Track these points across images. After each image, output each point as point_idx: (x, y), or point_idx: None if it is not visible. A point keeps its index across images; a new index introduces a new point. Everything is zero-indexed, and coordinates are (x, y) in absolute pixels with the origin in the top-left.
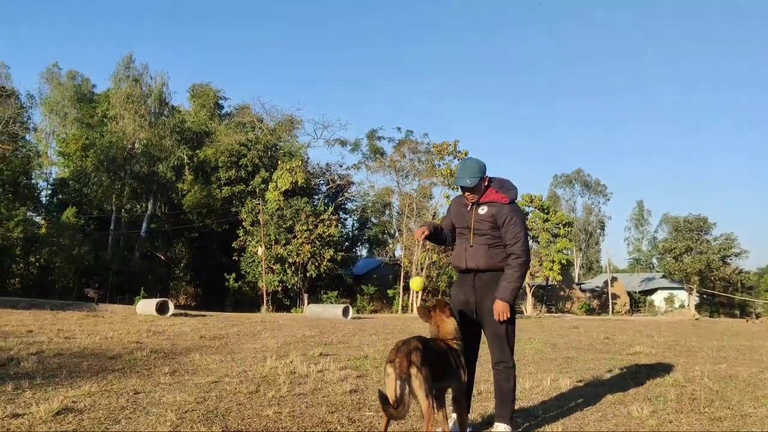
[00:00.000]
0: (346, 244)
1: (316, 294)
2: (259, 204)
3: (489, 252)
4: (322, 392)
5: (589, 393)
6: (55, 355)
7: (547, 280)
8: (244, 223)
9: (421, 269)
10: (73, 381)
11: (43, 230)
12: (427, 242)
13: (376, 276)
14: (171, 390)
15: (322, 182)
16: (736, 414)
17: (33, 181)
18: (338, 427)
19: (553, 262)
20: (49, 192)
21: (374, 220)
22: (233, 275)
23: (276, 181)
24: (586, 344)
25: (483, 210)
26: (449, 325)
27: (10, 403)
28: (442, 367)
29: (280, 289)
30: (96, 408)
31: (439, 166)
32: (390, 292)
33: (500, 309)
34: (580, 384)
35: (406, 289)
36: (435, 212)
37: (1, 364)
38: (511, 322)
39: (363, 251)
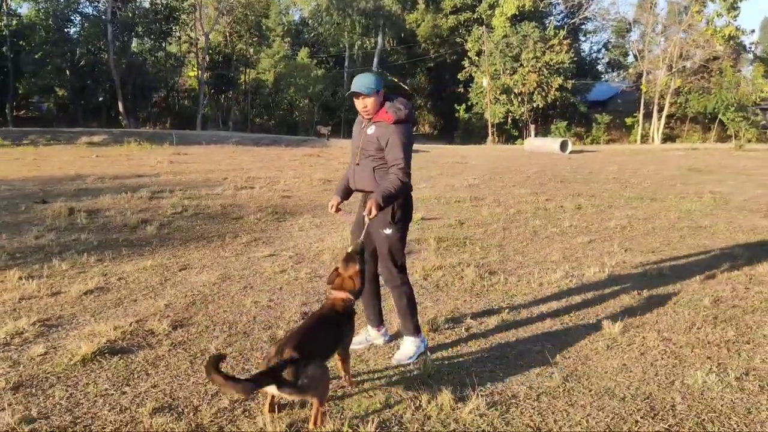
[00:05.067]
0: (585, 67)
1: (546, 124)
2: (483, 32)
3: (373, 174)
4: (320, 284)
5: (610, 289)
6: (191, 215)
7: None
8: (469, 53)
9: (662, 97)
10: (153, 251)
11: (284, 68)
12: (673, 63)
13: (617, 102)
14: (216, 266)
15: (558, 1)
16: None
17: (285, 19)
18: (283, 327)
19: None
20: (292, 31)
21: (614, 41)
22: (463, 106)
23: (502, 6)
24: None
25: (371, 130)
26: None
27: (71, 278)
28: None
29: (508, 119)
30: (123, 287)
31: None
32: (628, 120)
33: (371, 205)
34: (624, 272)
35: (647, 116)
36: (685, 27)
37: (133, 227)
38: (397, 240)
39: (603, 76)
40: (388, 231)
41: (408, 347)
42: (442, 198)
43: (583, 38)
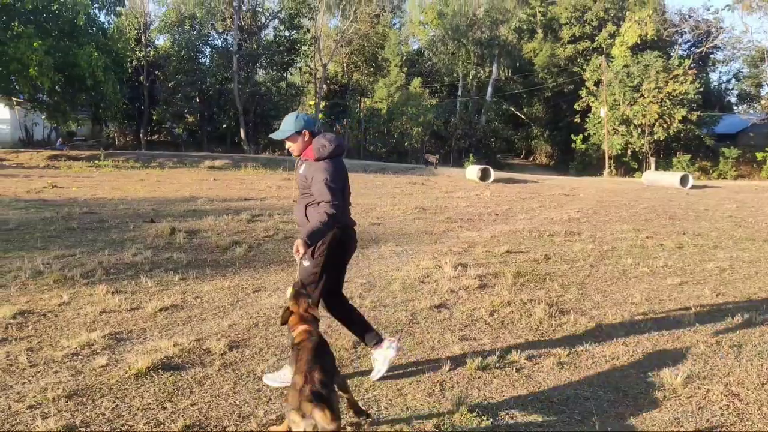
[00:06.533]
0: (713, 98)
1: (668, 157)
2: (602, 62)
3: (304, 211)
4: (383, 313)
5: (686, 336)
6: (281, 239)
7: None
8: (587, 83)
9: None
10: (235, 273)
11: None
12: None
13: (748, 135)
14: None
15: (685, 29)
16: None
17: (403, 50)
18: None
19: None
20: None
21: (746, 71)
22: (580, 137)
23: (623, 35)
24: None
25: (302, 169)
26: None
27: (152, 294)
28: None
29: (627, 151)
30: (197, 306)
31: None
32: (759, 155)
33: (298, 244)
34: (708, 318)
35: None
36: None
37: (224, 248)
38: (310, 273)
39: (734, 108)
40: (306, 263)
41: None
42: (534, 231)
43: (711, 68)
